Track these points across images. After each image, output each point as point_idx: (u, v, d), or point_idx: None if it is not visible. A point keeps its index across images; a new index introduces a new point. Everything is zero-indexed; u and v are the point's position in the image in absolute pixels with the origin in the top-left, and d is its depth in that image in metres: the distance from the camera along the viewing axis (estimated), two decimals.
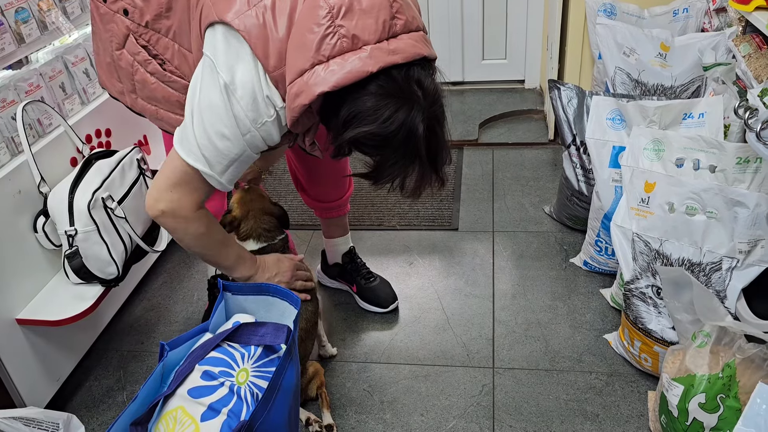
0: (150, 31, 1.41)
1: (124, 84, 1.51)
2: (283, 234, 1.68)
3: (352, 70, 1.11)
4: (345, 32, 1.12)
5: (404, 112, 1.14)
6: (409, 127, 1.15)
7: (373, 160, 1.24)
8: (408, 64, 1.15)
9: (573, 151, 2.18)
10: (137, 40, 1.43)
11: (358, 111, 1.14)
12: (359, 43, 1.12)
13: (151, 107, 1.51)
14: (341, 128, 1.18)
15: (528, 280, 2.12)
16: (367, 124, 1.14)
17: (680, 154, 1.68)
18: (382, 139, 1.16)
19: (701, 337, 1.39)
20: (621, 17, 2.39)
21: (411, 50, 1.15)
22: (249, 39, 1.19)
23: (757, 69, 1.73)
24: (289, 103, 1.19)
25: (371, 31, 1.13)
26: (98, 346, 1.99)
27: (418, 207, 2.57)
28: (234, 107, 1.22)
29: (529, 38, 3.30)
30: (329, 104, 1.19)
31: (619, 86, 2.24)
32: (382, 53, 1.12)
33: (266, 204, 1.68)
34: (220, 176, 1.31)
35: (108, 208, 1.64)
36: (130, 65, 1.47)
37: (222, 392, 1.06)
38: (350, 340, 1.95)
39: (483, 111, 3.23)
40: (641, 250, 1.64)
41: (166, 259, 2.38)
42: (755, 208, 1.43)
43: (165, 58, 1.43)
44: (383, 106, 1.13)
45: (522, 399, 1.70)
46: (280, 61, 1.20)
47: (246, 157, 1.31)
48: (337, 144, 1.21)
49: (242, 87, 1.21)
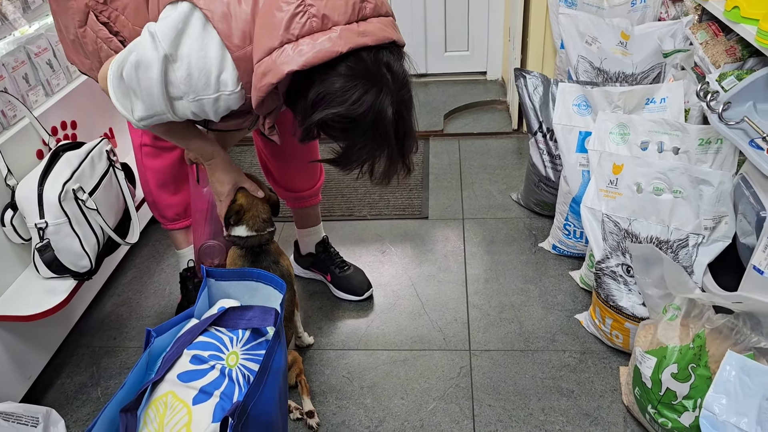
0: (109, 8, 1.39)
1: (92, 61, 1.48)
2: (272, 227, 1.66)
3: (321, 49, 1.11)
4: (315, 12, 1.12)
5: (373, 94, 1.14)
6: (377, 109, 1.15)
7: (340, 145, 1.24)
8: (377, 47, 1.16)
9: (539, 138, 2.23)
10: (98, 17, 1.41)
11: (327, 92, 1.14)
12: (329, 23, 1.13)
13: None
14: (309, 110, 1.17)
15: (499, 265, 2.17)
16: (335, 105, 1.14)
17: (645, 137, 1.75)
18: (350, 121, 1.16)
19: (671, 311, 1.45)
20: (581, 7, 2.46)
21: (380, 33, 1.16)
22: (212, 17, 1.17)
23: (714, 55, 1.81)
24: (255, 82, 1.18)
25: (341, 12, 1.13)
26: (69, 343, 1.95)
27: (388, 197, 2.59)
28: (169, 75, 1.20)
29: (490, 30, 3.35)
30: (297, 85, 1.18)
31: (582, 74, 2.30)
32: (352, 34, 1.13)
33: (265, 191, 1.66)
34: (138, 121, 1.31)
35: (79, 200, 1.60)
36: (95, 42, 1.44)
37: (213, 375, 1.05)
38: (327, 328, 1.96)
39: (447, 102, 3.27)
40: (611, 230, 1.69)
41: (135, 255, 2.33)
42: (719, 186, 1.50)
43: (124, 36, 1.41)
44: (352, 87, 1.13)
45: (499, 379, 1.74)
46: (243, 40, 1.19)
47: (166, 118, 1.29)
48: (305, 126, 1.20)
49: (182, 60, 1.18)
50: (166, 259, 2.31)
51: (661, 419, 1.42)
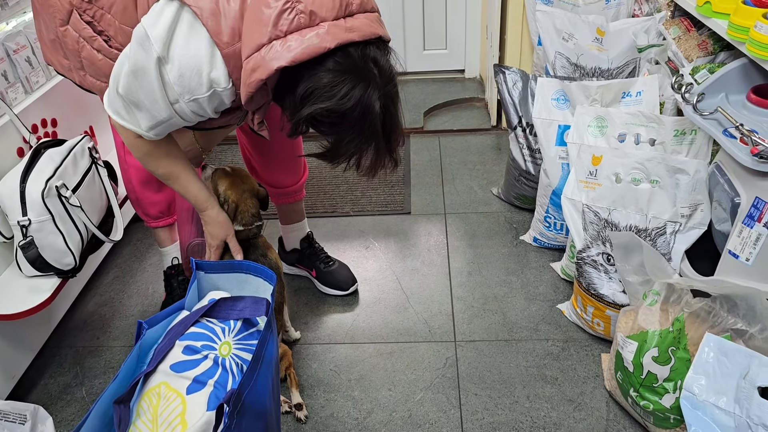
0: (94, 6, 1.39)
1: (71, 61, 1.47)
2: (261, 221, 1.67)
3: (309, 45, 1.12)
4: (302, 8, 1.13)
5: (361, 89, 1.16)
6: (365, 104, 1.17)
7: (328, 139, 1.25)
8: (364, 42, 1.17)
9: (519, 133, 2.27)
10: (81, 16, 1.40)
11: (315, 87, 1.16)
12: (317, 19, 1.14)
13: (100, 84, 1.48)
14: (298, 105, 1.19)
15: (482, 258, 2.20)
16: (324, 100, 1.16)
17: (622, 130, 1.79)
18: (339, 115, 1.18)
19: (651, 296, 1.49)
20: (558, 5, 2.50)
21: (367, 29, 1.18)
22: (201, 15, 1.18)
23: (687, 50, 1.86)
24: (245, 79, 1.19)
25: (328, 8, 1.15)
26: (51, 343, 1.93)
27: (370, 193, 2.60)
28: (164, 77, 1.21)
29: (468, 29, 3.39)
30: (285, 81, 1.20)
31: (559, 70, 2.34)
32: (339, 30, 1.14)
33: (254, 184, 1.67)
34: (147, 131, 1.33)
35: (62, 197, 1.59)
36: (76, 42, 1.43)
37: (206, 364, 1.06)
38: (313, 323, 1.97)
39: (427, 100, 3.30)
40: (591, 220, 1.73)
41: (117, 254, 2.32)
42: (695, 174, 1.55)
43: (109, 34, 1.41)
44: (340, 82, 1.15)
45: (484, 368, 1.76)
46: (233, 37, 1.20)
47: (175, 122, 1.31)
48: (294, 121, 1.22)
49: (173, 61, 1.20)
50: (149, 258, 2.30)
51: (642, 402, 1.46)
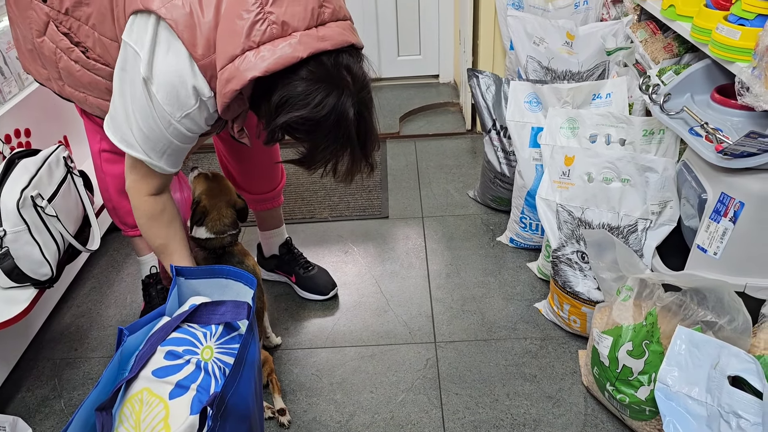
0: (71, 18, 1.38)
1: (50, 71, 1.47)
2: (235, 230, 1.68)
3: (282, 55, 1.14)
4: (275, 19, 1.15)
5: (335, 96, 1.18)
6: (339, 111, 1.19)
7: (304, 146, 1.27)
8: (337, 51, 1.19)
9: (494, 136, 2.31)
10: (58, 27, 1.40)
11: (290, 96, 1.17)
12: (289, 29, 1.16)
13: (79, 94, 1.48)
14: (273, 114, 1.20)
15: (460, 260, 2.22)
16: (298, 108, 1.17)
17: (593, 130, 1.83)
18: (313, 123, 1.19)
19: (625, 292, 1.53)
20: (528, 10, 2.55)
21: (339, 38, 1.20)
22: (176, 28, 1.19)
23: (653, 52, 1.92)
24: (220, 89, 1.21)
25: (300, 18, 1.17)
26: (28, 356, 1.91)
27: (348, 198, 2.62)
28: (153, 99, 1.23)
29: (441, 34, 3.43)
30: (260, 90, 1.21)
31: (531, 74, 2.39)
32: (311, 40, 1.16)
33: (232, 196, 1.68)
34: (158, 161, 1.33)
35: (38, 207, 1.58)
36: (53, 53, 1.43)
37: (189, 369, 1.06)
38: (294, 328, 1.97)
39: (402, 105, 3.33)
40: (565, 219, 1.77)
41: (93, 265, 2.30)
42: (663, 172, 1.59)
43: (87, 45, 1.41)
44: (314, 90, 1.17)
45: (465, 368, 1.79)
46: (208, 49, 1.21)
47: (176, 147, 1.33)
48: (269, 130, 1.23)
49: (158, 80, 1.21)
50: (126, 268, 2.28)
51: (619, 395, 1.50)
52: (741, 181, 1.35)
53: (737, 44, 1.38)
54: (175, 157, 1.36)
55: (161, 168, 1.35)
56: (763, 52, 1.26)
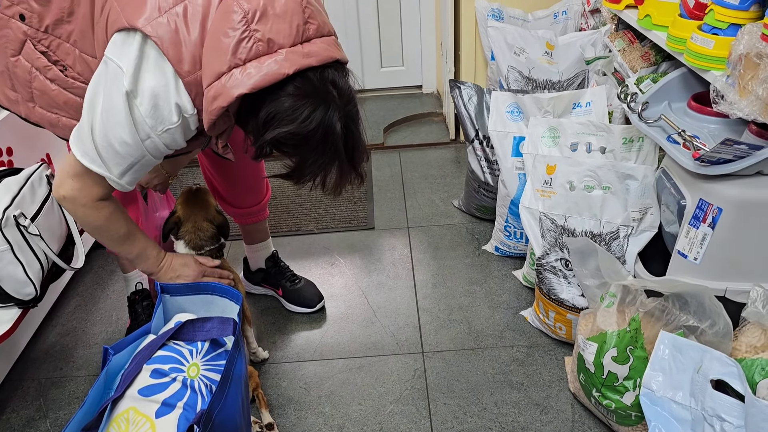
0: (50, 36, 1.38)
1: (20, 92, 1.46)
2: (215, 245, 1.68)
3: (268, 72, 1.15)
4: (260, 36, 1.16)
5: (321, 111, 1.19)
6: (326, 125, 1.20)
7: (292, 160, 1.28)
8: (323, 66, 1.21)
9: (477, 146, 2.33)
10: (35, 46, 1.39)
11: (277, 111, 1.18)
12: (275, 46, 1.17)
13: (51, 115, 1.47)
14: (261, 129, 1.21)
15: (446, 270, 2.23)
16: (286, 124, 1.19)
17: (574, 139, 1.86)
18: (301, 138, 1.20)
19: (608, 298, 1.54)
20: (508, 20, 2.59)
21: (324, 53, 1.21)
22: (161, 45, 1.20)
23: (631, 61, 1.95)
24: (206, 106, 1.21)
25: (286, 35, 1.18)
26: (12, 376, 1.89)
27: (333, 210, 2.63)
28: (134, 112, 1.23)
29: (423, 45, 3.46)
30: (247, 106, 1.22)
31: (512, 83, 2.42)
32: (297, 56, 1.17)
33: (210, 211, 1.67)
34: (119, 178, 1.32)
35: (21, 226, 1.57)
36: (28, 72, 1.42)
37: (175, 387, 1.06)
38: (281, 342, 1.97)
39: (386, 116, 3.35)
40: (548, 227, 1.79)
41: (78, 282, 2.28)
42: (643, 179, 1.62)
43: (66, 63, 1.40)
44: (301, 106, 1.18)
45: (452, 378, 1.79)
46: (193, 66, 1.22)
47: (147, 161, 1.32)
48: (258, 145, 1.24)
49: (143, 94, 1.22)
50: (111, 285, 2.27)
51: (605, 401, 1.51)
52: (718, 188, 1.37)
53: (711, 53, 1.41)
54: (139, 174, 1.35)
55: (120, 185, 1.33)
56: (737, 61, 1.29)
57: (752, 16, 1.34)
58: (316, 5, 1.25)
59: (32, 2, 1.35)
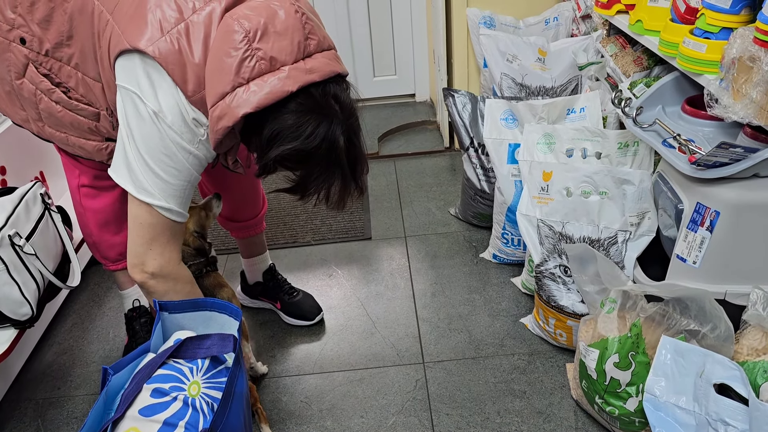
0: (51, 59, 1.38)
1: (29, 112, 1.46)
2: (199, 261, 1.67)
3: (272, 90, 1.15)
4: (263, 54, 1.16)
5: (325, 126, 1.19)
6: (330, 140, 1.20)
7: (296, 174, 1.28)
8: (324, 81, 1.21)
9: (472, 153, 2.33)
10: (38, 69, 1.39)
11: (281, 129, 1.19)
12: (277, 64, 1.17)
13: (60, 134, 1.47)
14: (265, 147, 1.21)
15: (444, 278, 2.23)
16: (290, 141, 1.19)
17: (569, 145, 1.86)
18: (305, 154, 1.21)
19: (608, 304, 1.54)
20: (500, 28, 2.60)
21: (326, 68, 1.21)
22: (166, 66, 1.20)
23: (623, 65, 1.96)
24: (212, 126, 1.21)
25: (287, 52, 1.18)
26: (10, 397, 1.87)
27: (330, 221, 2.62)
28: (168, 134, 1.23)
29: (416, 54, 3.47)
30: (251, 124, 1.22)
31: (506, 90, 2.42)
32: (299, 73, 1.17)
33: (186, 234, 1.66)
34: (180, 207, 1.33)
35: (16, 246, 1.56)
36: (33, 94, 1.42)
37: (176, 406, 1.05)
38: (280, 355, 1.96)
39: (380, 125, 3.35)
40: (546, 234, 1.78)
41: (74, 300, 2.26)
42: (640, 184, 1.62)
43: (69, 86, 1.40)
44: (305, 122, 1.18)
45: (454, 387, 1.78)
46: (198, 85, 1.22)
47: (194, 180, 1.34)
48: (262, 163, 1.24)
49: (170, 112, 1.22)
50: (108, 302, 2.25)
51: (608, 408, 1.50)
52: (715, 191, 1.37)
53: (704, 57, 1.41)
54: (189, 199, 1.37)
55: (181, 214, 1.33)
56: (729, 65, 1.29)
57: (743, 20, 1.35)
58: (315, 20, 1.25)
59: (32, 26, 1.35)
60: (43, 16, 1.33)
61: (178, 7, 1.22)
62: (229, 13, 1.20)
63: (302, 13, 1.20)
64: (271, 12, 1.18)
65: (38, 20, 1.34)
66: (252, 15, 1.17)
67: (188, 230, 1.68)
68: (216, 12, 1.21)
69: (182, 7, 1.22)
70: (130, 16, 1.22)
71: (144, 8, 1.22)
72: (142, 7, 1.22)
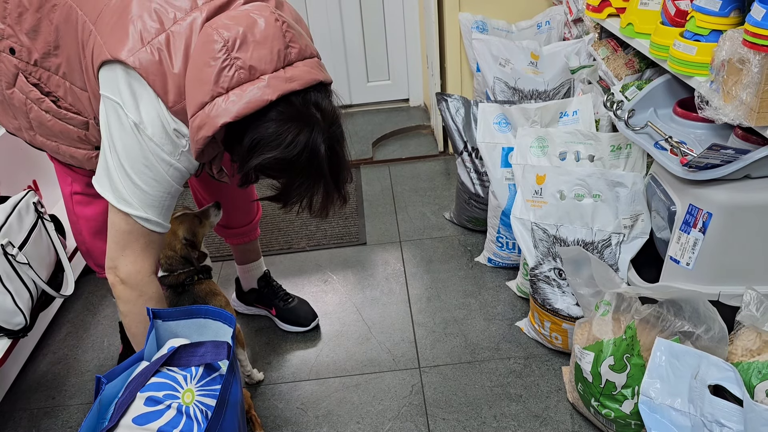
0: (40, 69, 1.38)
1: (20, 121, 1.46)
2: (189, 268, 1.67)
3: (251, 99, 1.15)
4: (242, 64, 1.16)
5: (305, 134, 1.19)
6: (311, 148, 1.20)
7: (279, 183, 1.28)
8: (305, 89, 1.20)
9: (466, 157, 2.33)
10: (27, 79, 1.39)
11: (261, 137, 1.18)
12: (256, 73, 1.16)
13: (51, 143, 1.47)
14: (246, 156, 1.21)
15: (439, 283, 2.23)
16: (271, 149, 1.18)
17: (562, 148, 1.86)
18: (287, 162, 1.20)
19: (603, 307, 1.54)
20: (492, 32, 2.61)
21: (307, 77, 1.20)
22: (146, 76, 1.20)
23: (615, 68, 1.96)
24: (192, 136, 1.21)
25: (267, 61, 1.17)
26: (4, 407, 1.85)
27: (325, 227, 2.62)
28: (149, 145, 1.23)
29: (409, 59, 3.47)
30: (232, 134, 1.22)
31: (499, 94, 2.43)
32: (279, 82, 1.17)
33: (174, 241, 1.66)
34: (158, 218, 1.32)
35: (8, 255, 1.55)
36: (24, 103, 1.42)
37: (170, 414, 1.04)
38: (276, 362, 1.95)
39: (374, 131, 3.35)
40: (540, 237, 1.79)
41: (68, 309, 2.25)
42: (633, 186, 1.62)
43: (58, 95, 1.40)
44: (285, 130, 1.17)
45: (450, 392, 1.78)
46: (179, 96, 1.22)
47: (175, 191, 1.33)
48: (243, 172, 1.24)
49: (151, 124, 1.22)
50: (102, 311, 2.25)
51: (604, 410, 1.50)
52: (707, 192, 1.38)
53: (694, 59, 1.42)
54: (169, 210, 1.36)
55: (161, 225, 1.33)
56: (720, 67, 1.30)
57: (732, 22, 1.36)
58: (297, 28, 1.25)
59: (21, 36, 1.35)
60: (31, 26, 1.33)
61: (159, 17, 1.21)
62: (209, 22, 1.20)
63: (283, 21, 1.20)
64: (250, 21, 1.17)
65: (26, 30, 1.34)
66: (231, 24, 1.17)
67: (177, 237, 1.67)
68: (197, 22, 1.21)
69: (163, 18, 1.21)
70: (111, 27, 1.22)
71: (125, 19, 1.21)
72: (124, 17, 1.22)
